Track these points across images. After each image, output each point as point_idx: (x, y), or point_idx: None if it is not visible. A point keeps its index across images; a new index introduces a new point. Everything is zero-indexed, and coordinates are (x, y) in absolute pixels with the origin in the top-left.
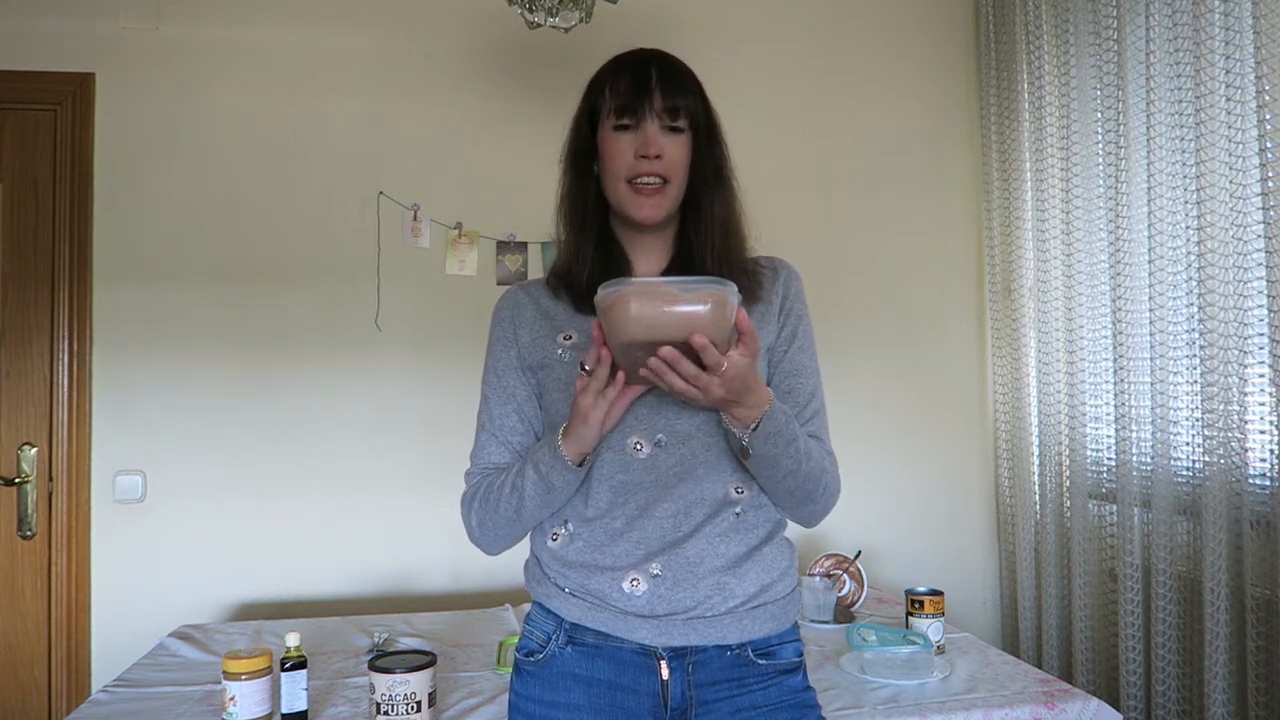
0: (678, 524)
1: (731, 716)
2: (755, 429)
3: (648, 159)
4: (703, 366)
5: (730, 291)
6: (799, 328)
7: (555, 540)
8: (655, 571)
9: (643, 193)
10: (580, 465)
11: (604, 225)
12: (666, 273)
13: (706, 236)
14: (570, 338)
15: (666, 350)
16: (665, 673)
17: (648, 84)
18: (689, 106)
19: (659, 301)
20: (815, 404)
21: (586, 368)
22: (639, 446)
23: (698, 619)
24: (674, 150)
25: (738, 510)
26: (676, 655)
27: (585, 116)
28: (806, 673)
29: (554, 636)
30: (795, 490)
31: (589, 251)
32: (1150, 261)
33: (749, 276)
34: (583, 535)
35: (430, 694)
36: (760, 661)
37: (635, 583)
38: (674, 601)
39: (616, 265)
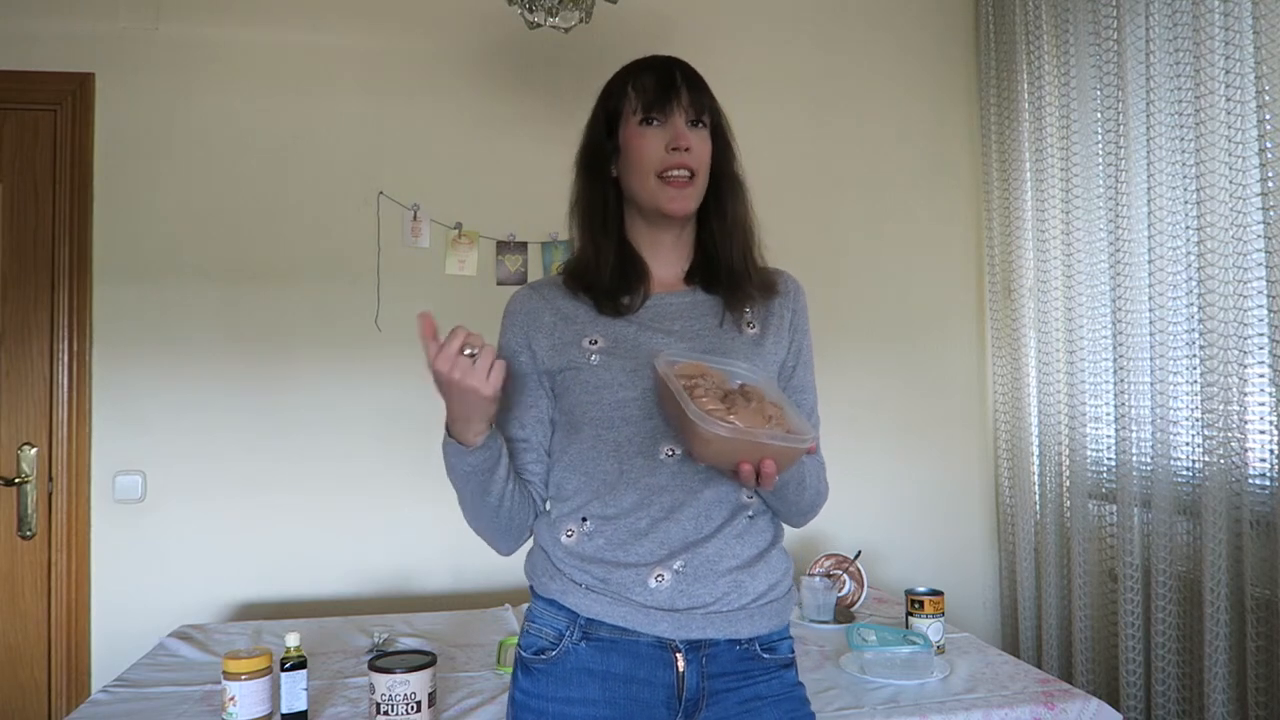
0: (699, 526)
1: (739, 706)
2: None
3: (679, 151)
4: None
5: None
6: (804, 343)
7: (570, 536)
8: (678, 568)
9: (674, 184)
10: (481, 446)
11: (620, 230)
12: (688, 276)
13: (731, 238)
14: (596, 342)
15: (746, 468)
16: (681, 665)
17: (674, 81)
18: (711, 107)
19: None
20: (814, 418)
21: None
22: (671, 453)
23: (715, 614)
24: (699, 145)
25: (750, 514)
26: (692, 648)
27: (602, 120)
28: (797, 669)
29: (567, 632)
30: (791, 512)
31: (610, 253)
32: (1150, 261)
33: (766, 282)
34: (604, 533)
35: (430, 694)
36: (765, 655)
37: (660, 578)
38: (694, 596)
39: (635, 270)
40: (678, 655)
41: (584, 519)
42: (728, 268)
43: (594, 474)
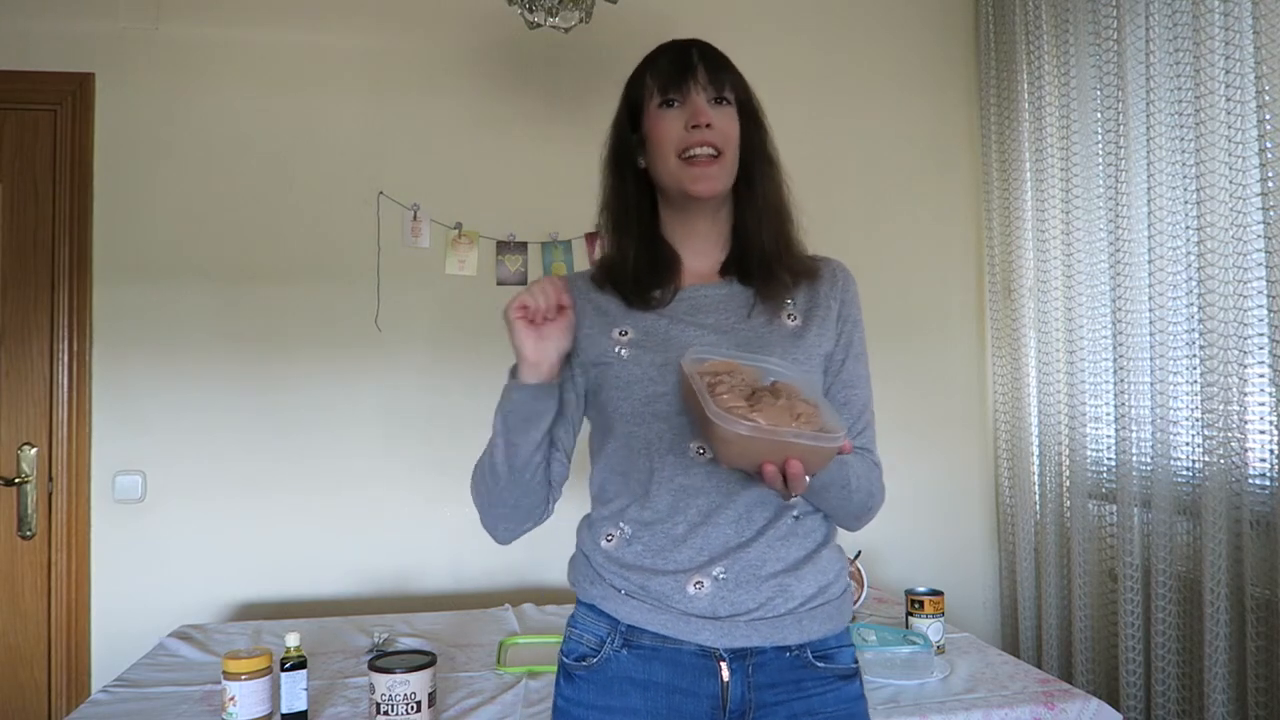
0: (740, 529)
1: None
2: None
3: (699, 128)
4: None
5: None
6: (855, 335)
7: (610, 541)
8: (718, 574)
9: (697, 164)
10: (540, 385)
11: (651, 224)
12: (724, 268)
13: (761, 221)
14: (626, 333)
15: (770, 469)
16: (725, 674)
17: (689, 60)
18: (733, 82)
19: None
20: (867, 415)
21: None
22: (701, 451)
23: (760, 620)
24: (724, 121)
25: (795, 514)
26: (737, 657)
27: (625, 115)
28: (862, 681)
29: (608, 639)
30: (839, 515)
31: (634, 247)
32: (1150, 261)
33: (805, 268)
34: (642, 539)
35: (430, 694)
36: (819, 664)
37: (699, 585)
38: (736, 603)
39: (664, 262)
40: (722, 664)
41: (621, 523)
42: (759, 252)
43: (630, 474)
